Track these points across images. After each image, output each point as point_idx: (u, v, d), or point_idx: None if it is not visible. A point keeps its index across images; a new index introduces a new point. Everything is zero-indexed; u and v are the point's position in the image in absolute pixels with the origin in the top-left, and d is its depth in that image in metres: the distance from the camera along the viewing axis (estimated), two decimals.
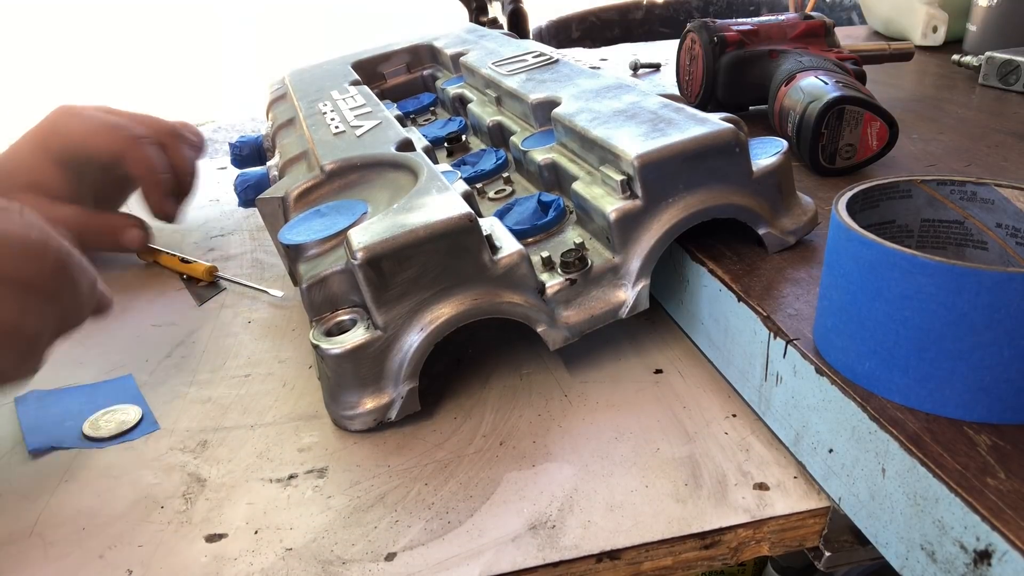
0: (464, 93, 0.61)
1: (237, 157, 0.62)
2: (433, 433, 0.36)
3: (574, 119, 0.42)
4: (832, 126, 0.48)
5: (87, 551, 0.31)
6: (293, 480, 0.34)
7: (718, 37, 0.60)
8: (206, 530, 0.31)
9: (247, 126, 0.79)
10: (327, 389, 0.37)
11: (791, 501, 0.31)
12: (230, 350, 0.45)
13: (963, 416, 0.26)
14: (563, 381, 0.40)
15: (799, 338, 0.31)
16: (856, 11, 1.30)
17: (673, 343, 0.42)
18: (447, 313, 0.35)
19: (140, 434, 0.38)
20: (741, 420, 0.36)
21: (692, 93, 0.64)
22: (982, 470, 0.24)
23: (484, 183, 0.50)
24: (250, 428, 0.38)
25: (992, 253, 0.31)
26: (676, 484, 0.32)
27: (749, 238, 0.39)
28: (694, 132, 0.37)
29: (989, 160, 0.51)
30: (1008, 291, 0.23)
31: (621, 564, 0.30)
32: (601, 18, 1.42)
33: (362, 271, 0.33)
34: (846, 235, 0.27)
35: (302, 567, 0.29)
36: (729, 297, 0.36)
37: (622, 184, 0.37)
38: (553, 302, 0.37)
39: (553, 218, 0.41)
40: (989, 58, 0.70)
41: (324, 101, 0.57)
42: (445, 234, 0.34)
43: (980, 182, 0.31)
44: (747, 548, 0.31)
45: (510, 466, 0.34)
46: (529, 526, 0.30)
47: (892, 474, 0.26)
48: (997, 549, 0.22)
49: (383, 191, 0.42)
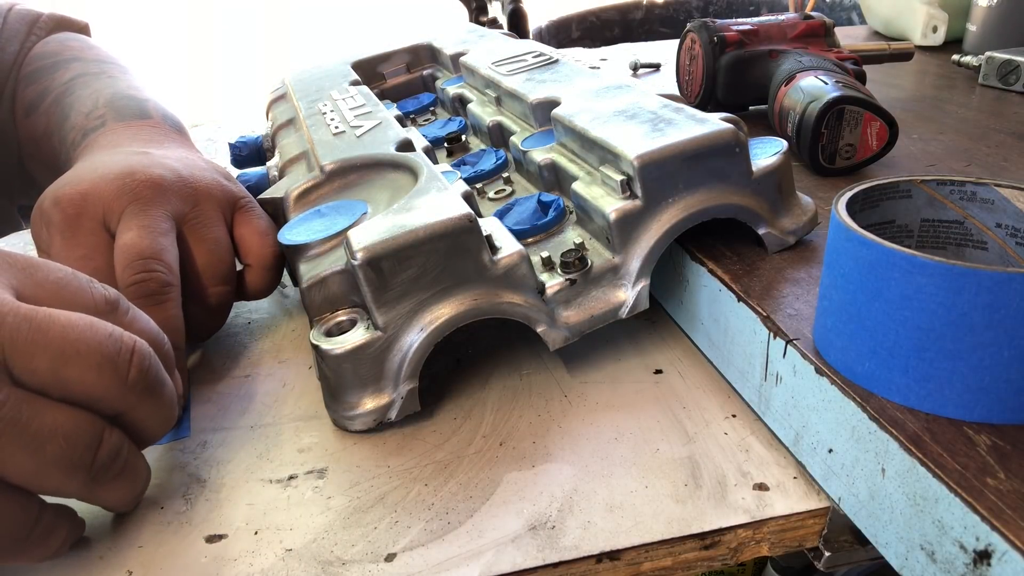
0: (464, 93, 0.61)
1: (237, 157, 0.62)
2: (433, 433, 0.36)
3: (574, 119, 0.42)
4: (832, 126, 0.48)
5: (87, 552, 0.31)
6: (293, 481, 0.34)
7: (718, 37, 0.60)
8: (206, 531, 0.31)
9: (247, 126, 0.79)
10: (327, 389, 0.37)
11: (791, 501, 0.31)
12: (230, 350, 0.45)
13: (963, 416, 0.26)
14: (563, 382, 0.40)
15: (799, 338, 0.31)
16: (856, 11, 1.30)
17: (673, 343, 0.42)
18: (447, 313, 0.35)
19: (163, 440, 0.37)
20: (741, 420, 0.36)
21: (692, 93, 0.64)
22: (982, 470, 0.24)
23: (484, 183, 0.50)
24: (250, 428, 0.38)
25: (992, 253, 0.31)
26: (676, 484, 0.32)
27: (749, 238, 0.39)
28: (694, 132, 0.37)
29: (989, 160, 0.51)
30: (1008, 291, 0.23)
31: (621, 565, 0.30)
32: (601, 18, 1.42)
33: (362, 271, 0.33)
34: (846, 235, 0.27)
35: (302, 568, 0.29)
36: (729, 297, 0.36)
37: (622, 184, 0.37)
38: (553, 302, 0.37)
39: (553, 218, 0.41)
40: (989, 58, 0.70)
41: (324, 101, 0.57)
42: (445, 234, 0.34)
43: (980, 182, 0.31)
44: (747, 548, 0.31)
45: (510, 467, 0.34)
46: (529, 527, 0.30)
47: (892, 474, 0.26)
48: (997, 549, 0.22)
49: (383, 191, 0.42)
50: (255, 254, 0.44)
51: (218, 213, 0.43)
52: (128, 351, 0.29)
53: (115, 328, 0.29)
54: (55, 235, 0.39)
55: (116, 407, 0.29)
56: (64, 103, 0.56)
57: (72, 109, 0.55)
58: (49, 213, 0.39)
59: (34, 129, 0.60)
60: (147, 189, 0.40)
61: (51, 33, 0.68)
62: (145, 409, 0.30)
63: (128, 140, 0.48)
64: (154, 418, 0.30)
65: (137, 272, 0.37)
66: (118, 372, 0.28)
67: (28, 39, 0.66)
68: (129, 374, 0.28)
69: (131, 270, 0.37)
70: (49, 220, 0.39)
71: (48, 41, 0.66)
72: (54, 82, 0.60)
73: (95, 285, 0.31)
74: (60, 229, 0.39)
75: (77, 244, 0.39)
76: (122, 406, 0.29)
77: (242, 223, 0.44)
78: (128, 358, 0.28)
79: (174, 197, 0.41)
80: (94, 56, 0.63)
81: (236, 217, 0.44)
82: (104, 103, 0.53)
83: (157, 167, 0.42)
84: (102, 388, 0.28)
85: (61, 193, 0.40)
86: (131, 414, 0.29)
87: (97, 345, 0.28)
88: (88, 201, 0.39)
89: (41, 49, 0.65)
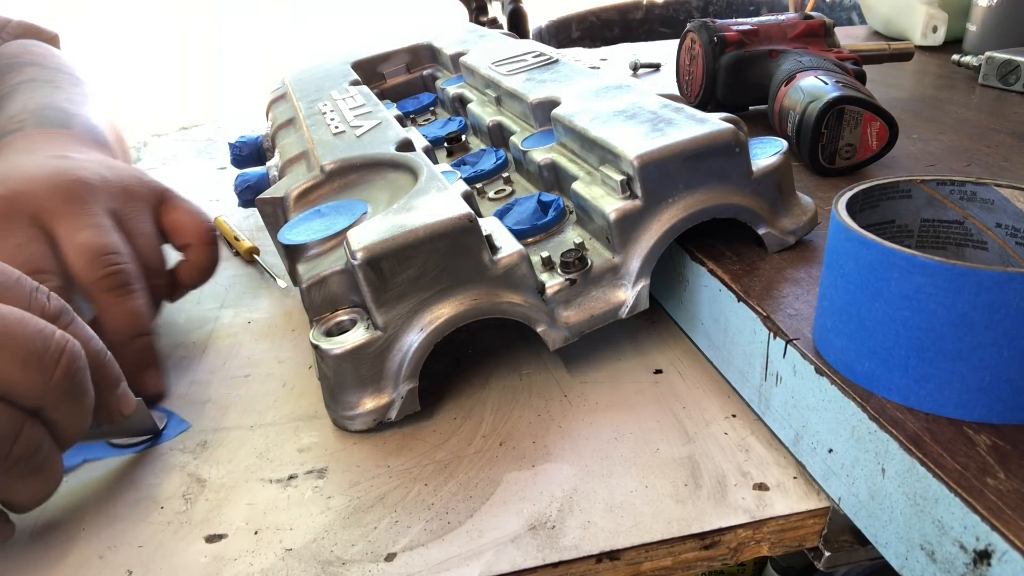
0: (464, 93, 0.61)
1: (237, 157, 0.62)
2: (433, 433, 0.36)
3: (574, 119, 0.42)
4: (832, 126, 0.48)
5: (87, 551, 0.31)
6: (293, 480, 0.34)
7: (718, 37, 0.60)
8: (206, 531, 0.31)
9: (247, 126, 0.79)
10: (327, 389, 0.37)
11: (791, 501, 0.31)
12: (230, 350, 0.45)
13: (963, 416, 0.26)
14: (563, 381, 0.40)
15: (799, 338, 0.31)
16: (856, 11, 1.30)
17: (673, 343, 0.42)
18: (447, 313, 0.35)
19: (167, 437, 0.37)
20: (741, 420, 0.36)
21: (692, 93, 0.64)
22: (982, 470, 0.24)
23: (484, 183, 0.50)
24: (250, 428, 0.38)
25: (992, 253, 0.31)
26: (676, 484, 0.32)
27: (749, 238, 0.39)
28: (694, 132, 0.37)
29: (989, 160, 0.51)
30: (1008, 291, 0.23)
31: (621, 564, 0.30)
32: (601, 18, 1.42)
33: (362, 271, 0.33)
34: (846, 235, 0.27)
35: (302, 568, 0.29)
36: (729, 297, 0.36)
37: (622, 184, 0.37)
38: (553, 302, 0.37)
39: (553, 218, 0.41)
40: (989, 58, 0.70)
41: (324, 101, 0.57)
42: (445, 234, 0.34)
43: (980, 182, 0.31)
44: (747, 548, 0.31)
45: (510, 466, 0.34)
46: (529, 526, 0.30)
47: (892, 474, 0.26)
48: (997, 549, 0.22)
49: (383, 191, 0.42)
50: (193, 231, 0.45)
51: (146, 208, 0.44)
52: (58, 350, 0.28)
53: (48, 326, 0.28)
54: None
55: (36, 403, 0.28)
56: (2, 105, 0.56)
57: (3, 111, 0.54)
58: None
59: None
60: (79, 187, 0.40)
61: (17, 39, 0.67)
62: (63, 411, 0.29)
63: (43, 145, 0.47)
64: (70, 422, 0.30)
65: (106, 267, 0.38)
66: (43, 369, 0.28)
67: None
68: (55, 373, 0.28)
69: (98, 265, 0.38)
70: None
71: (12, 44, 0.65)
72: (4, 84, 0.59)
73: (40, 292, 0.31)
74: None
75: (10, 234, 0.38)
76: (42, 403, 0.28)
77: (171, 210, 0.45)
78: (56, 357, 0.28)
79: (104, 195, 0.42)
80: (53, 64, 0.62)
81: (163, 207, 0.45)
82: (32, 109, 0.52)
83: (80, 169, 0.42)
84: (24, 383, 0.27)
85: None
86: (50, 413, 0.29)
87: (24, 340, 0.27)
88: (19, 198, 0.39)
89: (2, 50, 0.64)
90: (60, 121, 0.52)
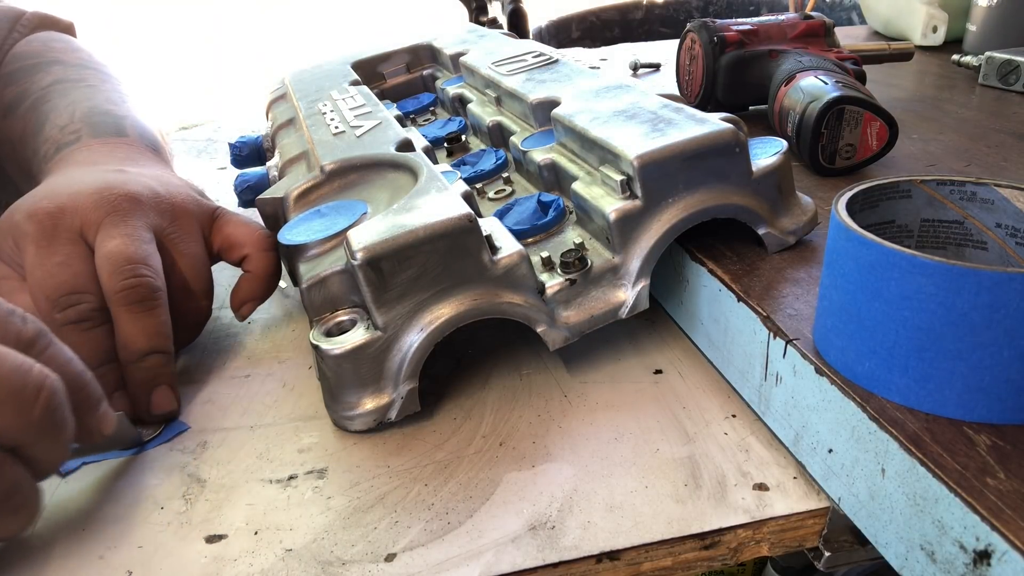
0: (464, 93, 0.61)
1: (237, 157, 0.62)
2: (433, 434, 0.36)
3: (574, 119, 0.42)
4: (832, 126, 0.48)
5: (87, 552, 0.31)
6: (293, 481, 0.34)
7: (718, 37, 0.60)
8: (206, 531, 0.31)
9: (247, 126, 0.79)
10: (327, 389, 0.37)
11: (791, 501, 0.31)
12: (230, 350, 0.45)
13: (963, 416, 0.26)
14: (563, 381, 0.40)
15: (799, 338, 0.31)
16: (856, 11, 1.30)
17: (673, 343, 0.42)
18: (447, 313, 0.35)
19: (167, 436, 0.37)
20: (741, 420, 0.36)
21: (692, 93, 0.64)
22: (982, 470, 0.24)
23: (484, 183, 0.50)
24: (250, 429, 0.38)
25: (992, 253, 0.31)
26: (676, 484, 0.32)
27: (749, 238, 0.39)
28: (694, 132, 0.37)
29: (989, 160, 0.51)
30: (1008, 291, 0.23)
31: (621, 565, 0.30)
32: (601, 18, 1.42)
33: (362, 271, 0.33)
34: (846, 235, 0.27)
35: (302, 568, 0.29)
36: (729, 297, 0.36)
37: (622, 184, 0.37)
38: (553, 302, 0.37)
39: (553, 218, 0.41)
40: (989, 58, 0.70)
41: (324, 101, 0.57)
42: (445, 234, 0.34)
43: (980, 182, 0.31)
44: (747, 548, 0.31)
45: (510, 467, 0.34)
46: (529, 527, 0.30)
47: (892, 474, 0.26)
48: (997, 549, 0.22)
49: (383, 191, 0.42)
50: (249, 240, 0.44)
51: (196, 228, 0.43)
52: (36, 387, 0.27)
53: (25, 361, 0.27)
54: (29, 245, 0.38)
55: (14, 443, 0.27)
56: (41, 111, 0.55)
57: (47, 119, 0.54)
58: (22, 225, 0.39)
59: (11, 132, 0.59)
60: (125, 202, 0.40)
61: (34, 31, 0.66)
62: (42, 447, 0.28)
63: (103, 158, 0.47)
64: (49, 457, 0.29)
65: (127, 277, 0.37)
66: (21, 408, 0.27)
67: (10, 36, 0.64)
68: (34, 411, 0.27)
69: (119, 275, 0.37)
70: (22, 232, 0.39)
71: (31, 40, 0.64)
72: (34, 85, 0.58)
73: (15, 316, 0.29)
74: (35, 239, 0.38)
75: (54, 252, 0.38)
76: (20, 442, 0.27)
77: (224, 225, 0.45)
78: (35, 395, 0.27)
79: (152, 211, 0.41)
80: (76, 60, 0.62)
81: (216, 224, 0.45)
82: (80, 117, 0.52)
83: (133, 184, 0.42)
84: (2, 423, 0.26)
85: (37, 207, 0.39)
86: (28, 450, 0.28)
87: (1, 379, 0.26)
88: (65, 213, 0.39)
89: (23, 48, 0.63)
90: (115, 128, 0.52)
